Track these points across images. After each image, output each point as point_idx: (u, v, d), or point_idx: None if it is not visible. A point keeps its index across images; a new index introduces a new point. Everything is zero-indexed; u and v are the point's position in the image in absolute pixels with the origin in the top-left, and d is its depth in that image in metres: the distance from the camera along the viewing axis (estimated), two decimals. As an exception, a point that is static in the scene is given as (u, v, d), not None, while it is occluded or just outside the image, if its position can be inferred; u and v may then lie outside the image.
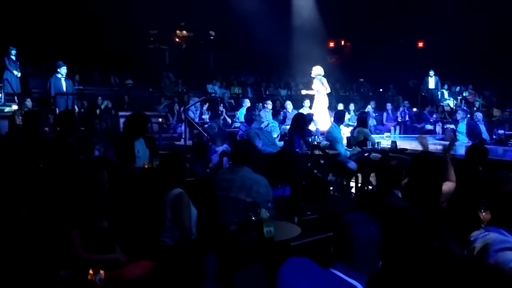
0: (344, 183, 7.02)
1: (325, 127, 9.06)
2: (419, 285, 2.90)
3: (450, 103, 14.02)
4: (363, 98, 15.95)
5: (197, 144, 8.43)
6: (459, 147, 8.52)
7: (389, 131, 12.07)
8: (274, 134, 8.02)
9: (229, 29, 16.21)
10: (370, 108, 13.17)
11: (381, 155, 6.61)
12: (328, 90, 10.61)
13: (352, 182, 7.00)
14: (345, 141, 7.45)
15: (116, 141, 5.11)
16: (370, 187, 6.69)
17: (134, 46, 15.45)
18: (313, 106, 10.60)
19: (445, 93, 14.44)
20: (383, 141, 7.43)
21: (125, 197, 3.95)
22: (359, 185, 6.85)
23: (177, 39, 18.44)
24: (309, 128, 7.48)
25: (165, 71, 15.06)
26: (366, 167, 6.64)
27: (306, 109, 10.68)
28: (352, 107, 12.87)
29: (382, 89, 17.08)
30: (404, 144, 7.90)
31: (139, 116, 4.93)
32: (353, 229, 1.82)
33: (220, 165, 7.05)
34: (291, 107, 11.24)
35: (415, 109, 13.78)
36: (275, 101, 13.43)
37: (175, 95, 13.26)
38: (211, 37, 18.60)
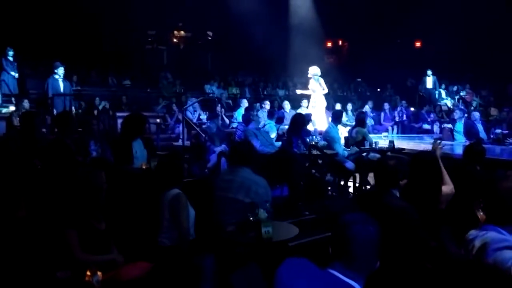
0: (342, 183, 7.03)
1: (323, 127, 9.07)
2: (416, 285, 2.90)
3: (447, 102, 14.05)
4: (360, 98, 15.97)
5: (195, 144, 8.43)
6: (457, 146, 8.55)
7: (386, 130, 12.08)
8: (271, 134, 8.01)
9: (227, 30, 16.22)
10: (367, 108, 13.17)
11: (379, 154, 6.62)
12: (326, 90, 10.61)
13: (350, 182, 7.00)
14: (342, 141, 7.45)
15: (114, 142, 5.10)
16: (368, 187, 6.69)
17: (132, 47, 15.46)
18: (309, 106, 10.59)
19: (442, 93, 14.46)
20: (381, 140, 7.43)
21: (123, 198, 3.94)
22: (357, 185, 6.85)
23: (175, 39, 18.45)
24: (307, 128, 7.48)
25: (163, 72, 15.06)
26: (364, 167, 6.64)
27: (304, 109, 10.68)
28: (349, 107, 12.88)
29: (379, 89, 17.10)
30: (401, 144, 7.91)
31: (137, 117, 4.91)
32: (351, 229, 1.82)
33: (218, 166, 7.04)
34: (289, 107, 11.24)
35: (412, 108, 13.80)
36: (273, 101, 13.44)
37: (173, 95, 13.25)
38: (209, 38, 18.61)
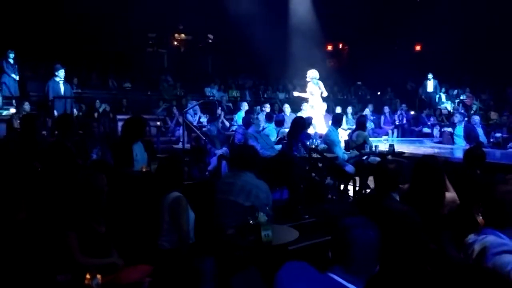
0: (342, 186, 7.02)
1: (322, 130, 9.07)
2: (417, 288, 2.90)
3: (447, 106, 14.06)
4: (361, 101, 15.98)
5: (195, 147, 8.43)
6: (457, 150, 8.55)
7: (386, 134, 12.07)
8: (271, 137, 8.01)
9: (227, 33, 16.23)
10: (368, 111, 13.18)
11: (379, 158, 6.62)
12: (325, 93, 10.60)
13: (350, 186, 7.00)
14: (343, 144, 7.45)
15: (114, 144, 5.10)
16: (368, 190, 6.68)
17: (132, 49, 15.46)
18: (308, 109, 10.58)
19: (442, 96, 14.48)
20: (381, 144, 7.43)
21: (123, 201, 3.94)
22: (357, 188, 6.85)
23: (175, 42, 18.46)
24: (307, 132, 7.48)
25: (164, 75, 15.08)
26: (364, 171, 6.64)
27: (305, 112, 10.67)
28: (350, 110, 12.89)
29: (380, 92, 17.10)
30: (401, 148, 7.91)
31: (138, 120, 4.91)
32: (351, 233, 1.82)
33: (218, 169, 7.05)
34: (289, 110, 11.25)
35: (412, 112, 13.81)
36: (273, 104, 13.45)
37: (174, 98, 13.27)
38: (210, 41, 18.63)
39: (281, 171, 5.67)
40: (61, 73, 9.61)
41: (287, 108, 11.35)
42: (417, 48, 18.52)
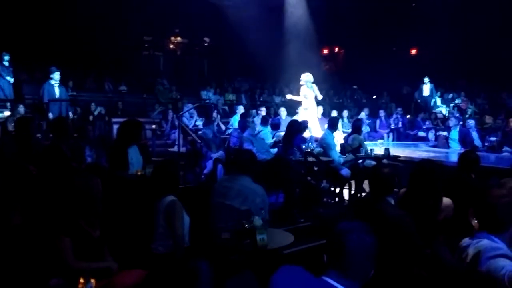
0: (337, 190, 7.03)
1: (317, 134, 9.08)
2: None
3: (442, 110, 14.10)
4: (356, 105, 16.01)
5: (191, 151, 8.43)
6: (452, 154, 8.58)
7: (382, 138, 12.11)
8: (267, 140, 8.01)
9: (223, 36, 16.26)
10: (363, 115, 13.21)
11: (374, 162, 6.63)
12: (320, 96, 10.60)
13: (346, 189, 7.00)
14: (338, 148, 7.46)
15: (110, 148, 5.09)
16: (363, 194, 6.69)
17: (128, 53, 15.48)
18: (301, 111, 10.58)
19: (438, 100, 14.53)
20: (377, 148, 7.45)
21: (118, 205, 3.93)
22: (353, 192, 6.85)
23: (171, 45, 18.48)
24: (303, 135, 7.49)
25: (159, 78, 15.06)
26: (360, 174, 6.65)
27: (300, 115, 10.67)
28: (345, 114, 12.92)
29: (375, 96, 17.16)
30: (397, 151, 7.94)
31: (133, 123, 4.88)
32: (346, 238, 1.83)
33: (214, 172, 7.04)
34: (285, 114, 11.24)
35: (408, 116, 13.85)
36: (269, 107, 13.45)
37: (169, 101, 13.25)
38: (206, 44, 18.66)
39: (277, 175, 5.66)
40: (56, 76, 9.58)
41: (283, 112, 11.34)
42: (413, 52, 18.63)
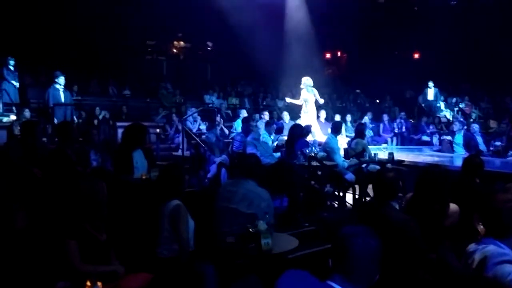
0: (341, 194, 7.02)
1: (321, 138, 9.08)
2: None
3: (446, 114, 14.07)
4: (359, 109, 15.99)
5: (195, 155, 8.44)
6: (456, 158, 8.56)
7: (386, 142, 12.10)
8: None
9: (226, 41, 16.29)
10: (367, 119, 13.18)
11: (378, 166, 6.63)
12: (321, 101, 10.60)
13: (350, 194, 7.00)
14: (342, 152, 7.45)
15: (114, 152, 5.11)
16: (367, 198, 6.68)
17: (132, 57, 15.54)
18: (301, 114, 10.59)
19: (441, 105, 14.50)
20: (380, 152, 7.44)
21: (123, 208, 3.94)
22: (357, 196, 6.84)
23: (174, 50, 18.55)
24: (306, 139, 7.48)
25: (163, 82, 15.11)
26: (364, 179, 6.64)
27: (303, 119, 10.67)
28: (349, 118, 12.89)
29: (378, 100, 17.14)
30: (401, 156, 7.93)
31: (138, 127, 4.91)
32: (351, 242, 1.83)
33: (218, 176, 7.05)
34: (288, 118, 11.26)
35: (411, 120, 13.82)
36: (272, 112, 13.47)
37: (173, 105, 13.29)
38: (209, 48, 18.72)
39: (280, 179, 5.67)
40: (61, 80, 9.63)
41: (286, 116, 11.35)
42: (416, 56, 18.61)
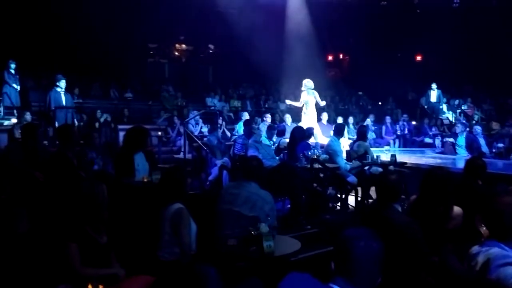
0: (343, 197, 7.00)
1: (323, 140, 9.06)
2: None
3: (449, 116, 14.05)
4: (362, 111, 15.97)
5: (197, 157, 8.44)
6: (459, 160, 8.54)
7: (388, 144, 12.07)
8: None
9: (228, 43, 16.33)
10: (369, 121, 13.15)
11: (381, 168, 6.61)
12: (322, 103, 10.58)
13: (352, 196, 6.98)
14: (344, 154, 7.44)
15: (116, 155, 5.10)
16: (370, 201, 6.66)
17: (133, 60, 15.58)
18: (302, 117, 10.58)
19: (444, 107, 14.47)
20: (383, 154, 7.41)
21: (124, 211, 3.93)
22: (359, 199, 6.82)
23: (176, 52, 18.61)
24: (308, 142, 7.47)
25: (165, 85, 15.13)
26: (366, 181, 6.62)
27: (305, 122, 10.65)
28: (351, 120, 12.86)
29: (381, 102, 17.13)
30: (403, 158, 7.90)
31: (139, 130, 4.90)
32: (353, 245, 1.82)
33: (219, 179, 7.04)
34: (290, 120, 11.24)
35: (414, 122, 13.80)
36: (274, 114, 13.46)
37: (175, 108, 13.30)
38: (210, 51, 18.77)
39: (283, 182, 5.66)
40: (62, 83, 9.64)
41: (288, 118, 11.34)
42: (418, 58, 18.62)
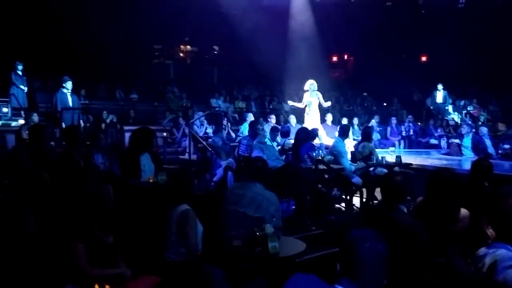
0: (348, 198, 6.99)
1: (328, 141, 9.05)
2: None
3: (454, 117, 13.99)
4: (367, 112, 15.93)
5: (202, 158, 8.45)
6: (465, 162, 8.49)
7: (393, 145, 12.01)
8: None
9: (233, 44, 16.37)
10: (374, 122, 13.11)
11: (386, 170, 6.59)
12: (325, 104, 10.56)
13: (357, 197, 6.97)
14: (349, 155, 7.42)
15: (122, 155, 5.13)
16: (375, 202, 6.64)
17: (139, 61, 15.63)
18: (305, 118, 10.56)
19: (449, 108, 14.41)
20: (388, 155, 7.39)
21: (131, 212, 3.95)
22: (364, 200, 6.81)
23: (181, 54, 18.66)
24: (312, 143, 7.46)
25: (170, 86, 15.18)
26: (371, 182, 6.61)
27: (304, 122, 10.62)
28: (356, 121, 12.83)
29: (386, 103, 17.08)
30: (409, 159, 7.86)
31: (145, 131, 4.93)
32: (359, 246, 1.82)
33: (224, 180, 7.05)
34: (295, 121, 11.23)
35: (419, 123, 13.74)
36: (278, 115, 13.46)
37: (180, 109, 13.33)
38: (215, 52, 18.80)
39: (287, 183, 5.66)
40: (68, 84, 9.69)
41: (292, 119, 11.33)
42: (423, 59, 18.56)
